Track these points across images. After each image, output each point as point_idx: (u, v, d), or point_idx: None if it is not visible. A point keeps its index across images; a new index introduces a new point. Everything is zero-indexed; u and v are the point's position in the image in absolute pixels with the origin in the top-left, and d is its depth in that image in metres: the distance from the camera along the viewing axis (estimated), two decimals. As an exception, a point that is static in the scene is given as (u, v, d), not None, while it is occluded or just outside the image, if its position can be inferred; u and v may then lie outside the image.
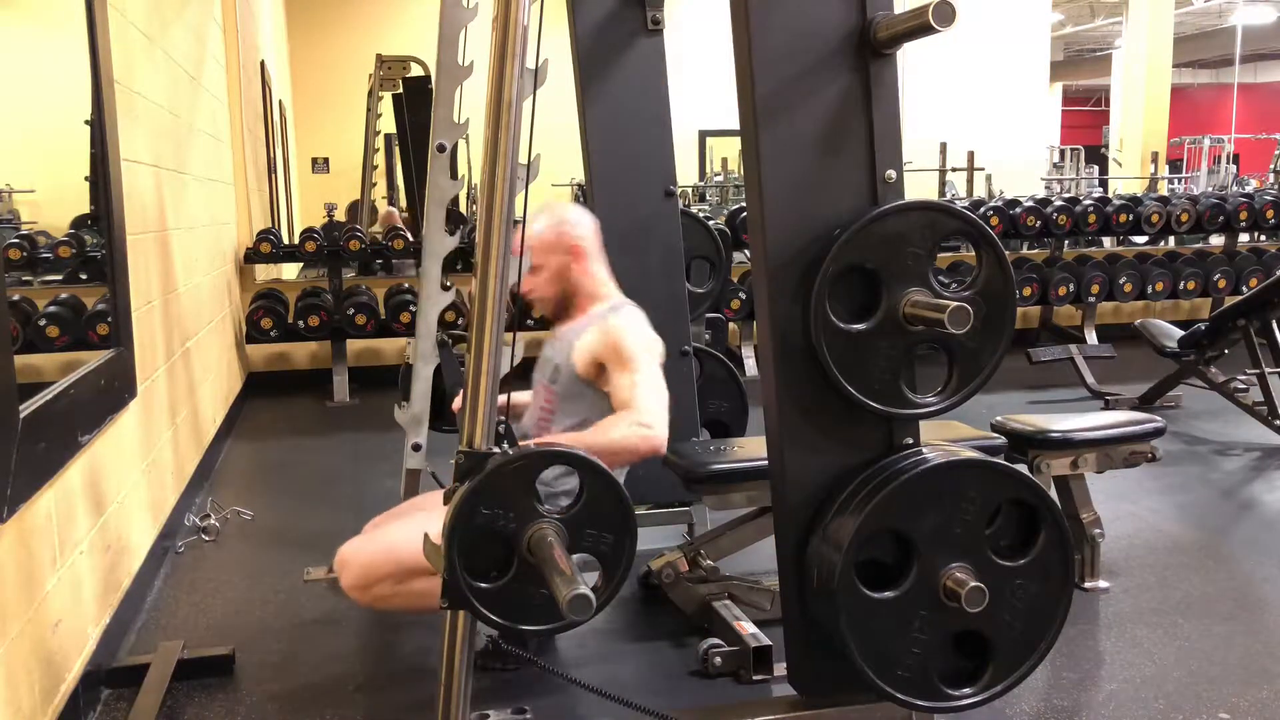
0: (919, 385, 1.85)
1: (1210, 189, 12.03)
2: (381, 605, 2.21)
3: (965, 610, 1.74)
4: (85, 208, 2.84)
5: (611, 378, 2.23)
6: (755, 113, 1.81)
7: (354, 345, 5.99)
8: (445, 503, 1.67)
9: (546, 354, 2.43)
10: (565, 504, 1.70)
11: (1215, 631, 2.58)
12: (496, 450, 1.67)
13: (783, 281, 1.82)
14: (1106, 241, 8.21)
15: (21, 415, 1.87)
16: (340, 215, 6.36)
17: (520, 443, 2.29)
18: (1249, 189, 11.00)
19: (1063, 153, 14.42)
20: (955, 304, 1.68)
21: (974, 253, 1.85)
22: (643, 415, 2.15)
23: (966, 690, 1.82)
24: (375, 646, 2.53)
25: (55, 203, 2.90)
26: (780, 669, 2.28)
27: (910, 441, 1.88)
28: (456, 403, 2.40)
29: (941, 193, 10.60)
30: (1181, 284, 6.69)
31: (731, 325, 6.08)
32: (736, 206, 7.23)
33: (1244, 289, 6.48)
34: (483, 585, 1.65)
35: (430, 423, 2.91)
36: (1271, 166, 12.27)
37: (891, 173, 1.84)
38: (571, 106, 3.06)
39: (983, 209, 6.75)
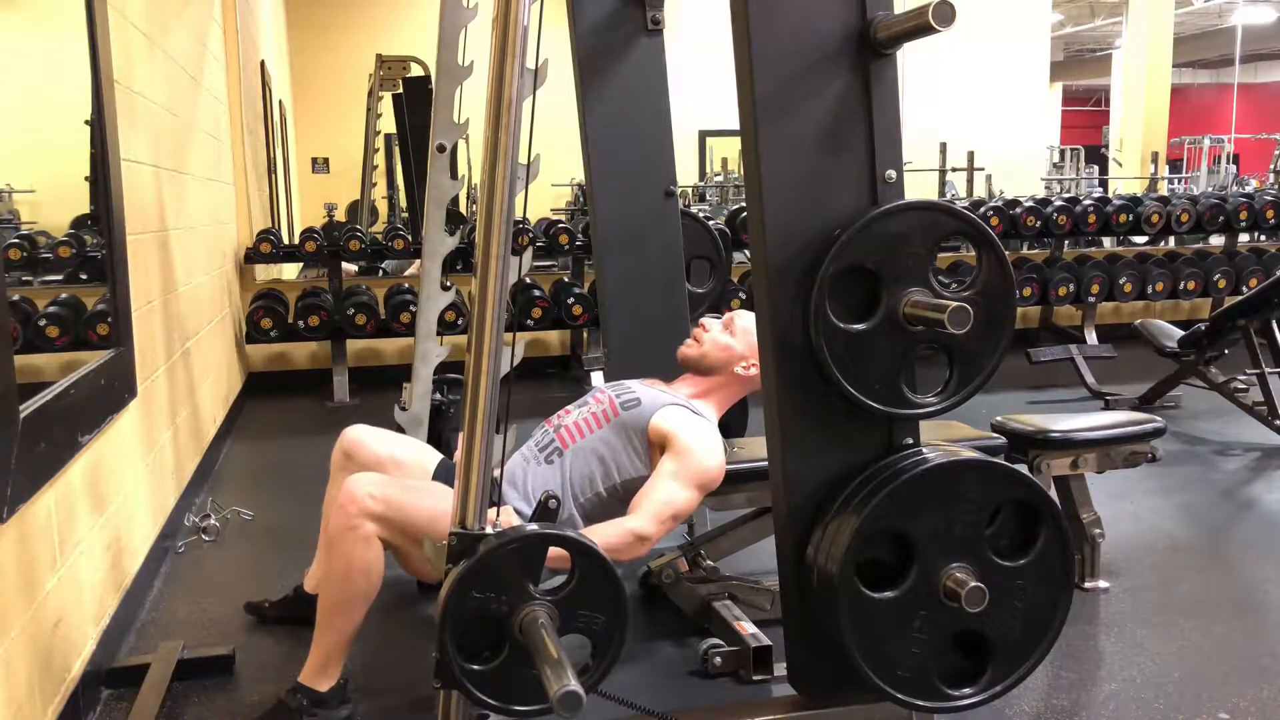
0: (919, 385, 1.85)
1: (1210, 189, 12.04)
2: (368, 525, 2.05)
3: (965, 610, 1.74)
4: (85, 208, 2.84)
5: (659, 464, 2.27)
6: (755, 113, 1.81)
7: (354, 345, 5.99)
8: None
9: (635, 387, 2.44)
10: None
11: (1215, 631, 2.58)
12: (489, 531, 1.65)
13: (783, 281, 1.82)
14: (1106, 241, 8.20)
15: (21, 415, 1.87)
16: (340, 216, 6.33)
17: (557, 432, 2.35)
18: (1249, 189, 11.01)
19: (1063, 153, 14.44)
20: (955, 304, 1.68)
21: (974, 253, 1.85)
22: (643, 521, 2.18)
23: (967, 690, 1.82)
24: (375, 646, 2.53)
25: (55, 203, 2.89)
26: (780, 669, 2.28)
27: (910, 441, 1.88)
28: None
29: (941, 193, 10.61)
30: (1181, 284, 6.67)
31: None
32: (736, 206, 7.23)
33: (1244, 289, 6.47)
34: (475, 667, 1.63)
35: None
36: (1271, 166, 12.28)
37: (891, 173, 1.84)
38: (571, 106, 3.06)
39: (983, 209, 6.74)
